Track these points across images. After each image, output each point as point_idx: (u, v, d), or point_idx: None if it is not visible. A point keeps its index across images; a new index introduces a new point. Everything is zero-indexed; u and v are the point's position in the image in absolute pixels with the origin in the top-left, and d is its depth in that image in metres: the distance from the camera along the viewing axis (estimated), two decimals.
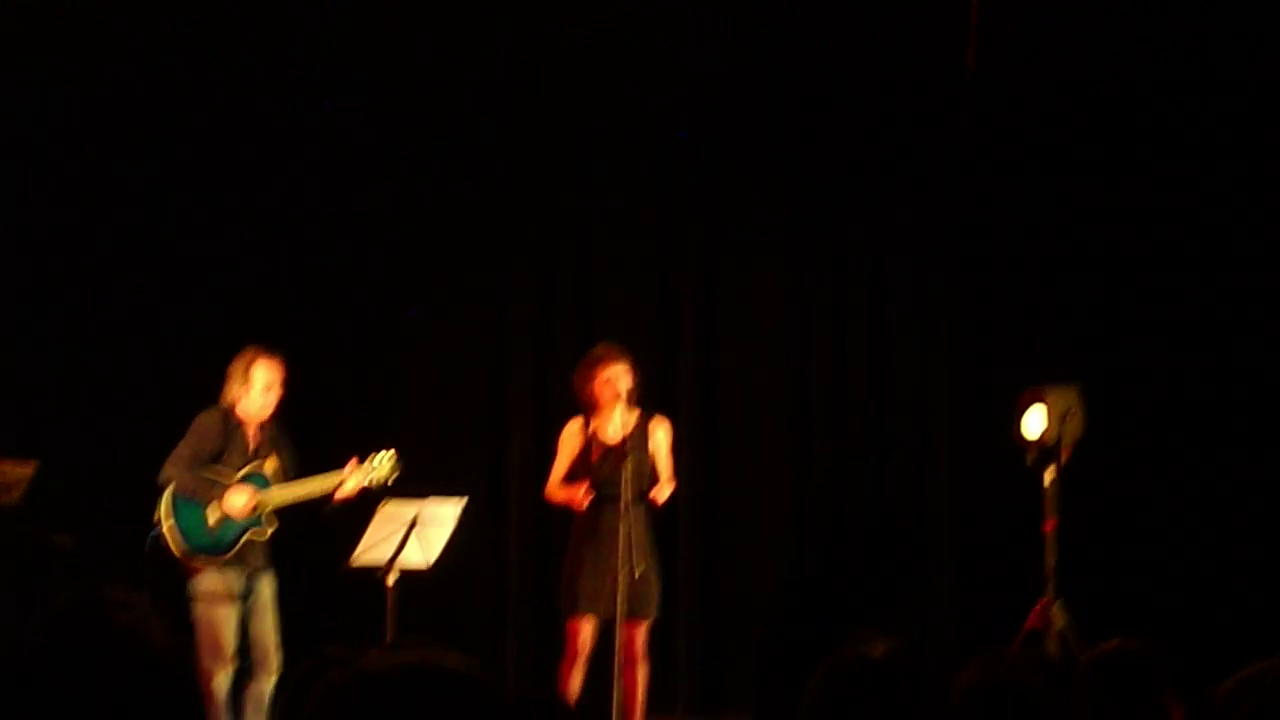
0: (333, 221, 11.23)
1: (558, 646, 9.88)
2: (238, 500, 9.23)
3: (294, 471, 9.47)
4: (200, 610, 9.13)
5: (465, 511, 9.46)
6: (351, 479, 9.35)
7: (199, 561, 9.19)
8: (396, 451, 9.51)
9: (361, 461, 9.40)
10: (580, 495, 9.57)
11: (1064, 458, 10.48)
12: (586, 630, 9.54)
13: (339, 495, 9.36)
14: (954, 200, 11.83)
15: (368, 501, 9.48)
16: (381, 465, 9.41)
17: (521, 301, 11.50)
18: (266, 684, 9.19)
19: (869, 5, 11.76)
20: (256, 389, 9.33)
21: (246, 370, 9.34)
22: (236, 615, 9.23)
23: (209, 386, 9.46)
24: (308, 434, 9.86)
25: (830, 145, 11.73)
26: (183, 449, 9.26)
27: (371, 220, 11.29)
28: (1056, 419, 10.46)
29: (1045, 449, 10.50)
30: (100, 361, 10.83)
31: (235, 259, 11.02)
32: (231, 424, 9.33)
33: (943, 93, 11.65)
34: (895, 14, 11.68)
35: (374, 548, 9.30)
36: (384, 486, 9.42)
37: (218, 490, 9.21)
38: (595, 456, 9.63)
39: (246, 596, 9.28)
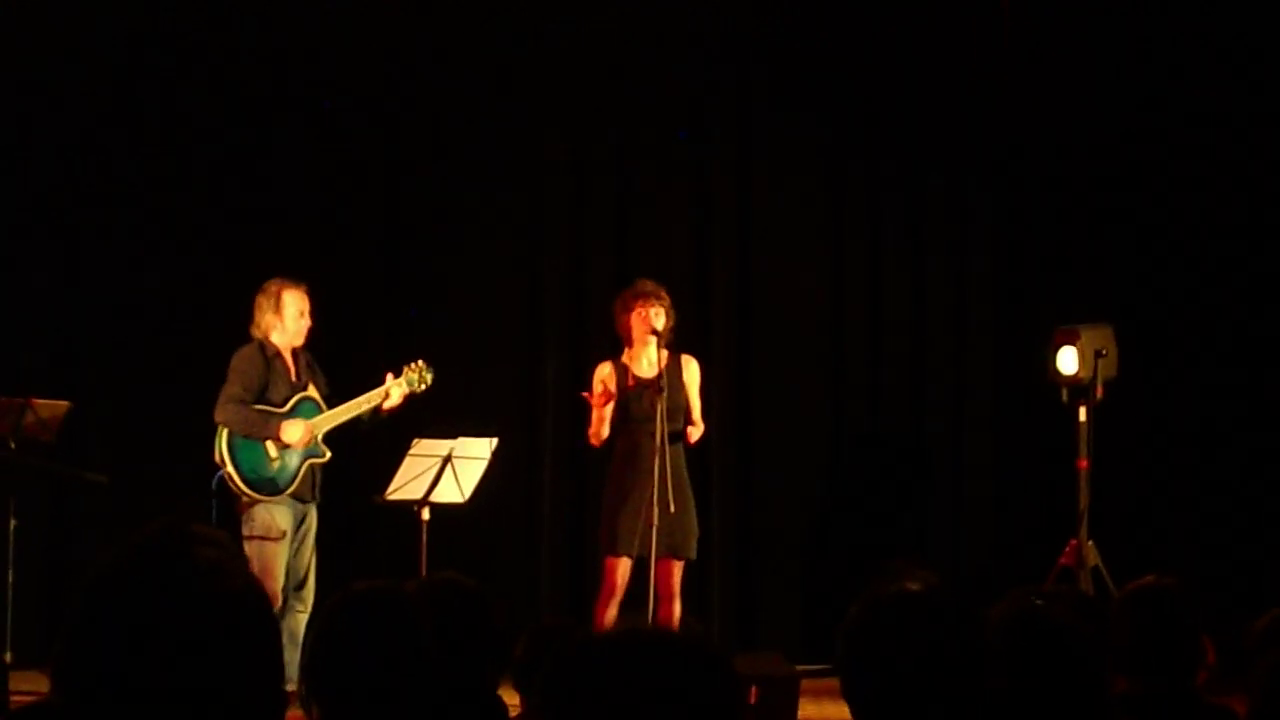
0: (366, 157, 11.23)
1: (591, 581, 9.91)
2: (294, 432, 9.29)
3: (333, 398, 9.52)
4: (252, 547, 9.16)
5: (498, 448, 9.51)
6: (394, 389, 9.44)
7: (262, 499, 9.24)
8: (425, 361, 9.60)
9: (397, 376, 9.50)
10: (597, 399, 9.57)
11: (1098, 396, 10.48)
12: (623, 569, 9.55)
13: (387, 406, 9.48)
14: (991, 136, 11.78)
15: (401, 436, 9.52)
16: (414, 372, 9.52)
17: (555, 237, 11.49)
18: (301, 618, 9.22)
19: None
20: (290, 315, 9.39)
21: (276, 300, 9.39)
22: (287, 552, 9.29)
23: (239, 325, 9.49)
24: (342, 373, 9.89)
25: (867, 81, 11.68)
26: (231, 388, 9.29)
27: (406, 155, 11.29)
28: (1090, 357, 10.45)
29: (1079, 387, 10.50)
30: (131, 303, 10.86)
31: (268, 193, 11.02)
32: (269, 354, 9.39)
33: (981, 27, 11.59)
34: None
35: (408, 484, 9.36)
36: (426, 391, 9.52)
37: (274, 422, 9.27)
38: (631, 385, 9.63)
39: (296, 530, 9.35)
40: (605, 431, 9.68)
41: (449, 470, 9.37)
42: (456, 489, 9.40)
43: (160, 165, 10.92)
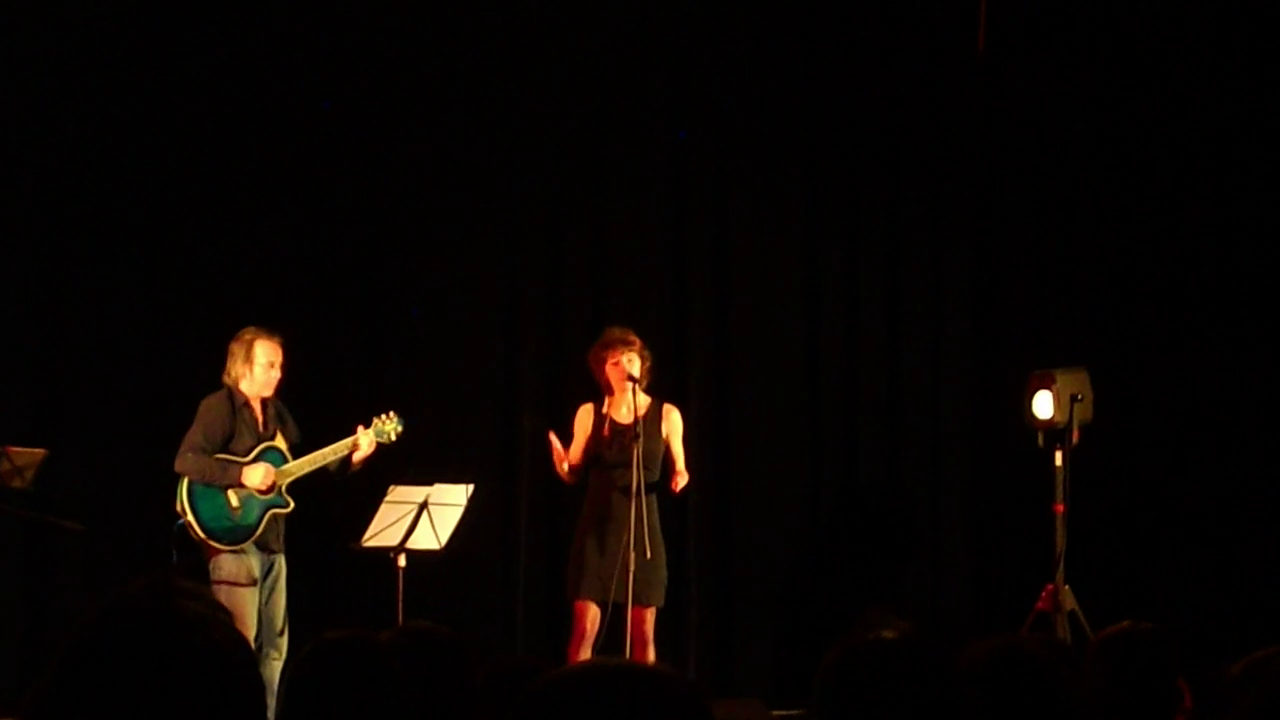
0: (342, 204, 11.21)
1: (566, 628, 9.89)
2: (256, 475, 9.27)
3: (302, 447, 9.51)
4: (222, 594, 9.12)
5: (475, 494, 9.50)
6: (364, 439, 9.44)
7: (223, 547, 9.22)
8: (396, 413, 9.60)
9: (367, 427, 9.50)
10: (561, 455, 9.64)
11: (1073, 440, 10.49)
12: (593, 613, 9.56)
13: (357, 457, 9.47)
14: (966, 183, 11.82)
15: (377, 482, 9.51)
16: (387, 424, 9.52)
17: (531, 284, 11.48)
18: (275, 666, 9.20)
19: None
20: (259, 366, 9.38)
21: (248, 349, 9.39)
22: (257, 599, 9.26)
23: (215, 372, 9.47)
24: (319, 417, 9.88)
25: (843, 131, 11.72)
26: (194, 436, 9.28)
27: (380, 202, 11.28)
28: (1066, 402, 10.46)
29: (1055, 431, 10.50)
30: (108, 349, 10.82)
31: (245, 243, 11.00)
32: (238, 403, 9.38)
33: (954, 76, 11.64)
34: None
35: (384, 530, 9.35)
36: (394, 442, 9.53)
37: (235, 470, 9.25)
38: (606, 433, 9.66)
39: (264, 578, 9.32)
40: (567, 476, 9.76)
41: (425, 517, 9.36)
42: (433, 536, 9.40)
43: (137, 214, 10.88)
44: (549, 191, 11.51)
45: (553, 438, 9.74)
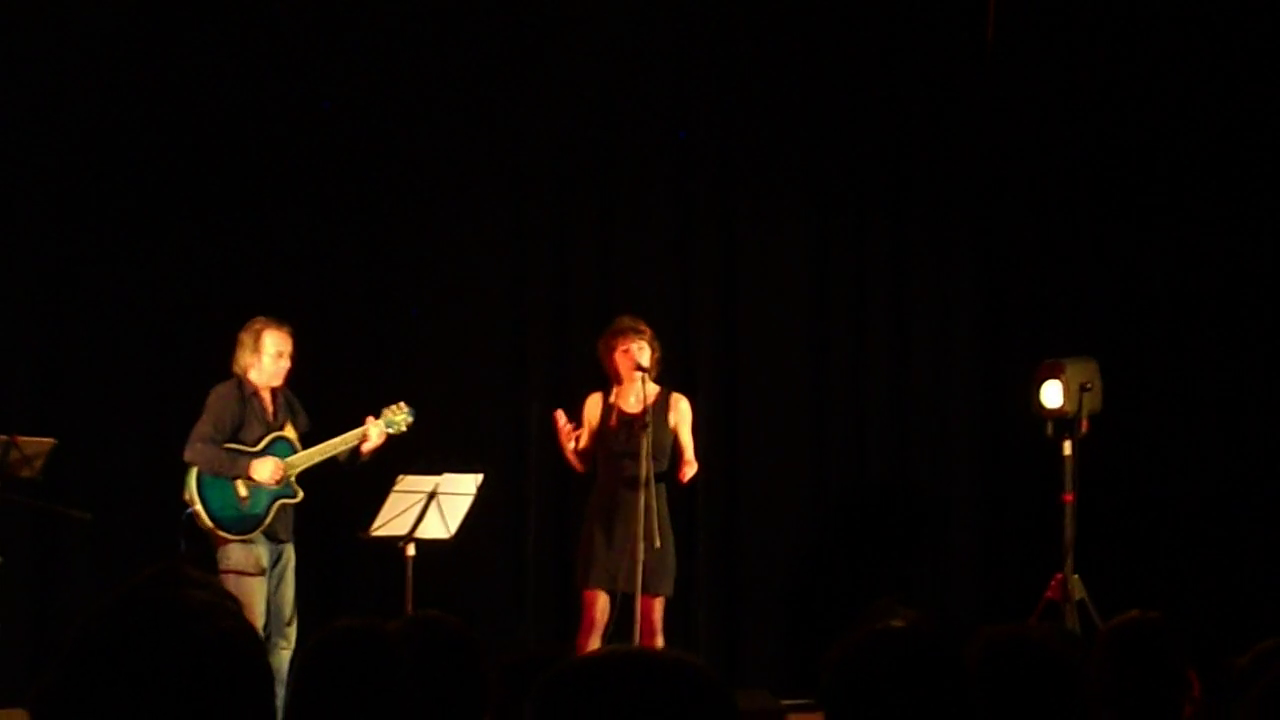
0: (352, 197, 11.21)
1: (575, 617, 9.90)
2: (264, 470, 9.28)
3: (311, 436, 9.52)
4: (230, 584, 9.13)
5: (484, 484, 9.50)
6: (374, 429, 9.45)
7: (231, 537, 9.23)
8: (406, 403, 9.61)
9: (377, 418, 9.50)
10: (568, 434, 9.62)
11: (1082, 430, 10.48)
12: (602, 602, 9.57)
13: (367, 448, 9.49)
14: (974, 171, 11.80)
15: (386, 472, 9.51)
16: (397, 414, 9.53)
17: (539, 274, 11.48)
18: (283, 655, 9.21)
19: None
20: (268, 356, 9.39)
21: (257, 339, 9.40)
22: (265, 588, 9.27)
23: (224, 363, 9.48)
24: (327, 408, 9.89)
25: (850, 121, 11.70)
26: (203, 426, 9.29)
27: (388, 197, 11.27)
28: (1075, 391, 10.45)
29: (1063, 421, 10.50)
30: (117, 339, 10.83)
31: (253, 237, 11.00)
32: (247, 393, 9.39)
33: (963, 66, 11.63)
34: None
35: (393, 520, 9.36)
36: (405, 432, 9.55)
37: (244, 461, 9.26)
38: (613, 423, 9.66)
39: (273, 568, 9.34)
40: (575, 460, 9.74)
41: (434, 506, 9.37)
42: (442, 525, 9.40)
43: (145, 209, 10.88)
44: (555, 187, 11.49)
45: (559, 417, 9.74)
